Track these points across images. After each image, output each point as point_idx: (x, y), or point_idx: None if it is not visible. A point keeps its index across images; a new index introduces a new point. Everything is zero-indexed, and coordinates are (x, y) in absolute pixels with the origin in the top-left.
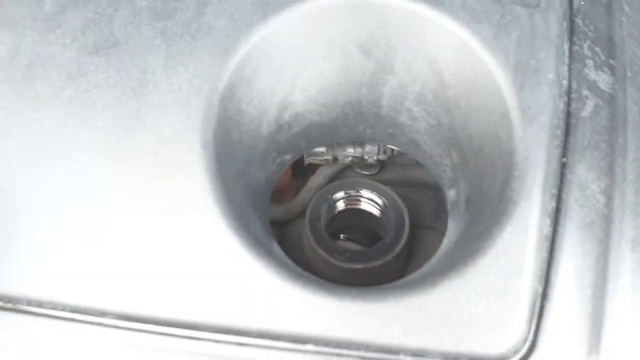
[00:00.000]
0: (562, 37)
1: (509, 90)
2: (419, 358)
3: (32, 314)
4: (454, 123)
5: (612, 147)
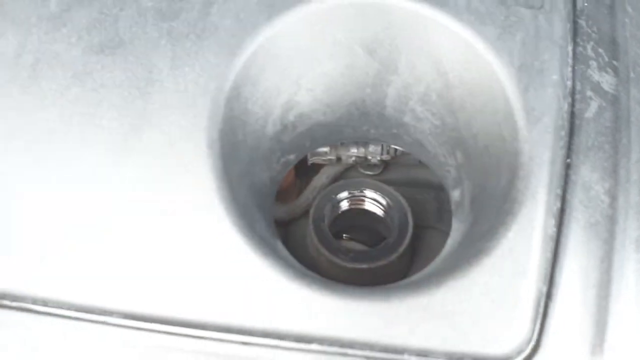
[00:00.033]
0: (565, 38)
1: (514, 91)
2: (423, 358)
3: (37, 313)
4: (459, 123)
5: (616, 148)
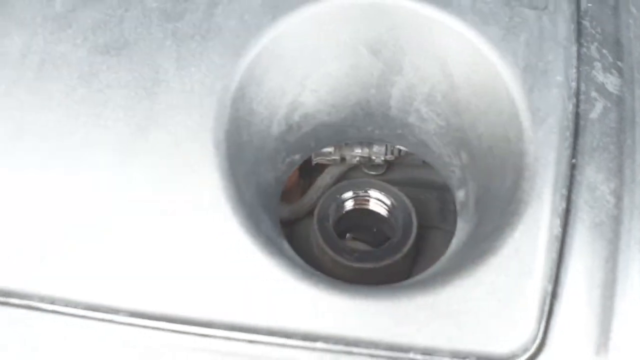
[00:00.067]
0: (570, 39)
1: (518, 92)
2: (429, 356)
3: (44, 311)
4: (463, 124)
5: (621, 148)
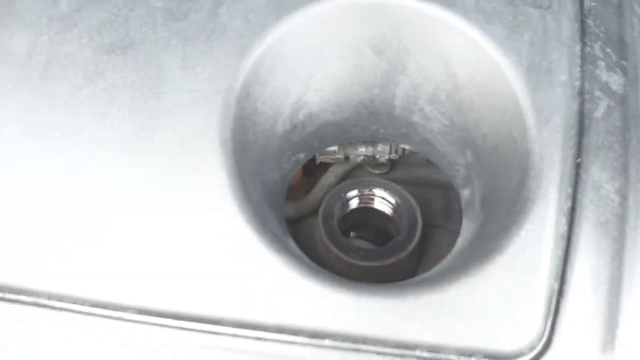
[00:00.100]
0: (574, 38)
1: (523, 92)
2: (436, 354)
3: (53, 309)
4: (468, 123)
5: (625, 147)
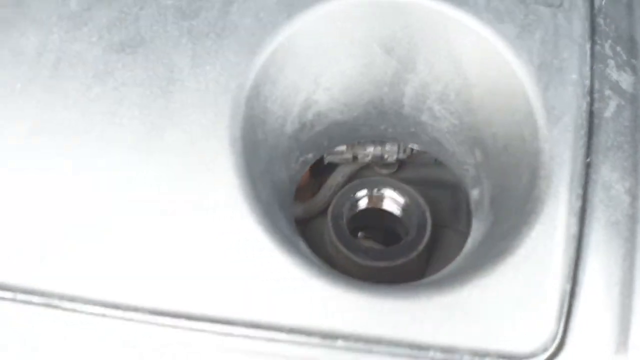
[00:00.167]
0: (584, 36)
1: (533, 90)
2: (449, 355)
3: (64, 310)
4: (477, 122)
5: (635, 147)
